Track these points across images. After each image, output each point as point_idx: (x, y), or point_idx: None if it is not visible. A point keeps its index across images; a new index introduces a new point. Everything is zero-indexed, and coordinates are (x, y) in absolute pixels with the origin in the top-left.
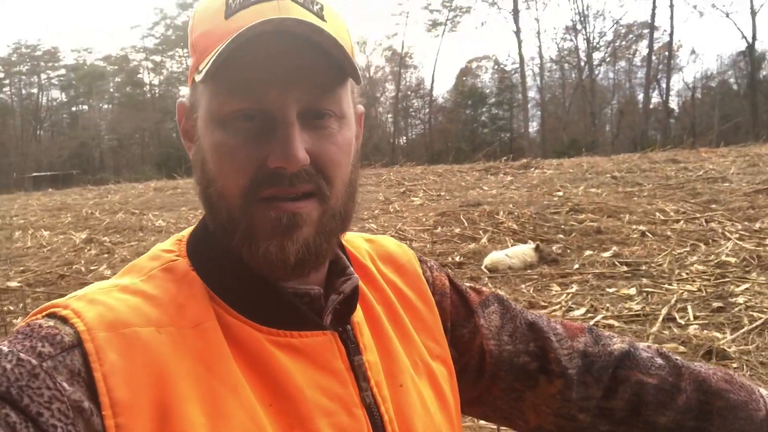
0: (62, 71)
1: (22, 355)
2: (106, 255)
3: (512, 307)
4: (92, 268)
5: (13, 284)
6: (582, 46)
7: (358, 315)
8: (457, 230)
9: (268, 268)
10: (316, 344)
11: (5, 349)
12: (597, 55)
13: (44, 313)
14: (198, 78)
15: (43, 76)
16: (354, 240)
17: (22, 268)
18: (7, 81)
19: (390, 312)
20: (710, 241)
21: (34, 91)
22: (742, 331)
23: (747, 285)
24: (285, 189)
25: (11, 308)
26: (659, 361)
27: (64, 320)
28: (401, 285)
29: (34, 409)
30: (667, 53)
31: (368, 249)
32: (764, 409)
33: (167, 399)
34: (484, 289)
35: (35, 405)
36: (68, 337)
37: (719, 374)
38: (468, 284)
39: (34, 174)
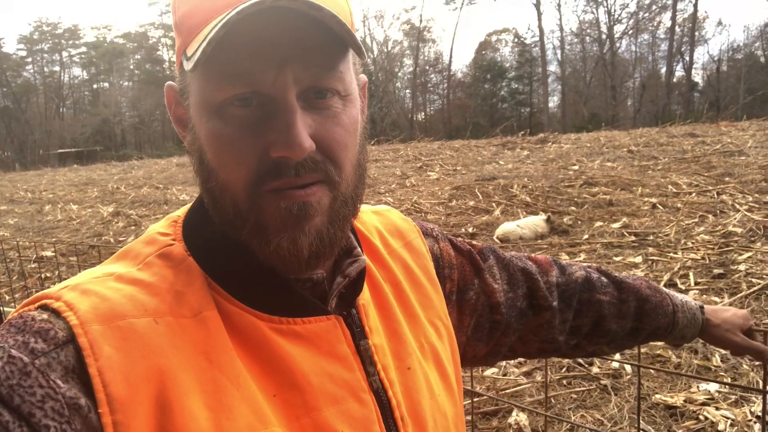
0: (83, 49)
1: (13, 352)
2: (133, 227)
3: (502, 255)
4: (120, 239)
5: (48, 254)
6: (603, 18)
7: (365, 296)
8: (471, 203)
9: (280, 263)
10: (321, 330)
11: None
12: (619, 28)
13: (37, 304)
14: (188, 66)
15: (65, 53)
16: (362, 214)
17: (54, 239)
18: (29, 59)
19: (397, 291)
20: (719, 212)
21: (56, 69)
22: (739, 295)
23: (750, 253)
24: (291, 180)
25: (48, 275)
26: (605, 280)
27: (57, 313)
28: (409, 261)
29: (26, 409)
30: (691, 25)
31: (376, 223)
32: (671, 305)
33: (167, 393)
34: (475, 243)
35: (27, 405)
36: (62, 332)
37: (643, 283)
38: (460, 239)
39: (60, 150)
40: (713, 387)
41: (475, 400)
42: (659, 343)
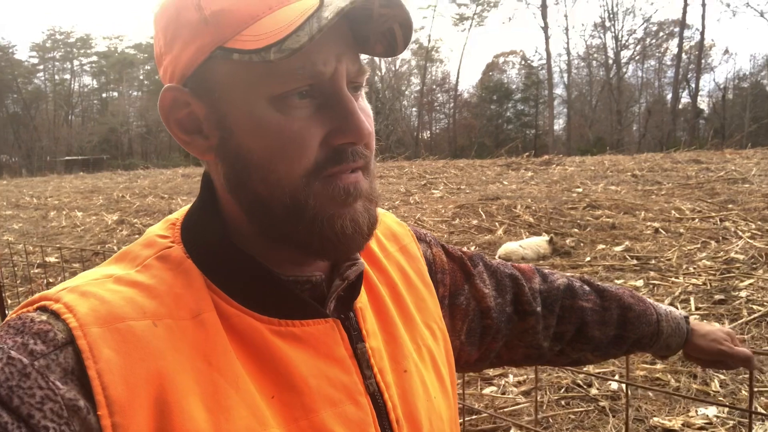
0: (94, 58)
1: (13, 353)
2: (137, 236)
3: (490, 262)
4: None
5: (52, 259)
6: (610, 43)
7: (362, 299)
8: (475, 222)
9: (345, 243)
10: (318, 332)
11: None
12: (626, 53)
13: (36, 305)
14: (263, 57)
15: (76, 62)
16: None
17: (58, 245)
18: (41, 67)
19: (393, 294)
20: (721, 238)
21: (67, 77)
22: (739, 321)
23: (751, 280)
24: (349, 165)
25: (51, 280)
26: (587, 288)
27: (56, 315)
28: (405, 264)
29: (25, 410)
30: (698, 52)
31: None
32: (655, 314)
33: (166, 395)
34: (465, 249)
35: (26, 406)
36: (61, 333)
37: (627, 292)
38: (451, 245)
39: (66, 157)
40: (711, 411)
41: (474, 417)
42: (658, 366)
